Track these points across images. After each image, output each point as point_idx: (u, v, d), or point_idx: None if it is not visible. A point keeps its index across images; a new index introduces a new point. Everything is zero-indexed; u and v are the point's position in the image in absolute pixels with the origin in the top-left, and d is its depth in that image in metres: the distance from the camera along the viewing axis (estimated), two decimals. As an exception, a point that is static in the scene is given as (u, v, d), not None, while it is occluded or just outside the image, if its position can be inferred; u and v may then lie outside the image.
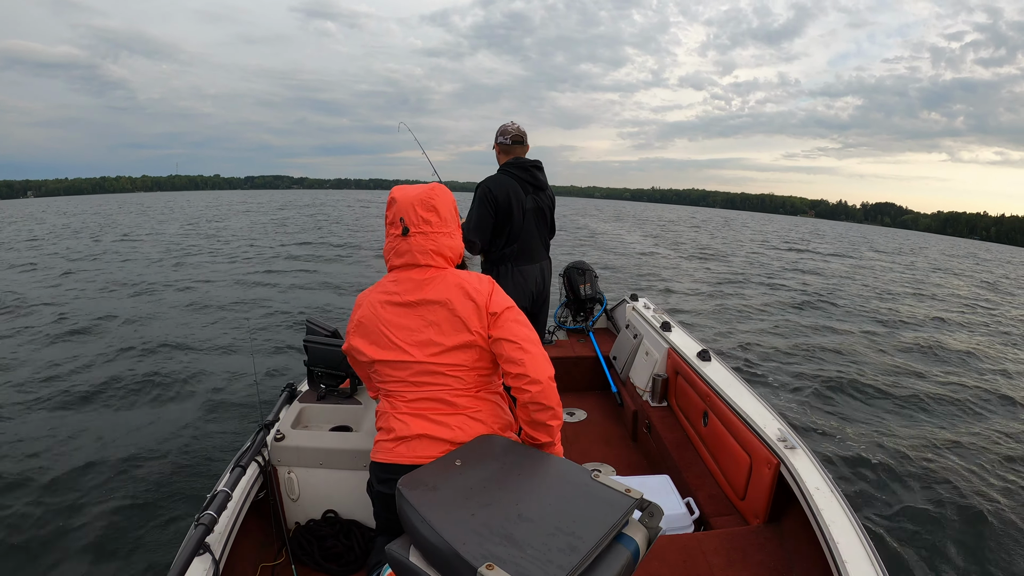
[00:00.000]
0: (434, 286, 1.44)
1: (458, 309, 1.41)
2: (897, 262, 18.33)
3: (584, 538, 1.00)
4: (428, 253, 1.45)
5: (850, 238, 31.94)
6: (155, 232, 21.80)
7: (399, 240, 1.46)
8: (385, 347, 1.44)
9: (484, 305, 1.42)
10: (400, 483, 1.19)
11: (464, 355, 1.43)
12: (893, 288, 12.08)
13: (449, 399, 1.43)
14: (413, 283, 1.45)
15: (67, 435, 4.08)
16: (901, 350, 6.85)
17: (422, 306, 1.43)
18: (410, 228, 1.44)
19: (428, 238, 1.45)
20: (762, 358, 6.26)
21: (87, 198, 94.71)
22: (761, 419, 2.13)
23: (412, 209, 1.44)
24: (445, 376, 1.43)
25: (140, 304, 8.87)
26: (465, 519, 1.07)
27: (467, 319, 1.41)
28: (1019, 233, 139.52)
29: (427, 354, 1.41)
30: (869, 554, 1.47)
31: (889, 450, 4.02)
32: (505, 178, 2.53)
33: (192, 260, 14.27)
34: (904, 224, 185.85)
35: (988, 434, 4.37)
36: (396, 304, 1.45)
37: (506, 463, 1.28)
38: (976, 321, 9.02)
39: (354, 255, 15.31)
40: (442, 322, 1.42)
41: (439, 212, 1.47)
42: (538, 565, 0.94)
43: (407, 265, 1.47)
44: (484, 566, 0.93)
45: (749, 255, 17.99)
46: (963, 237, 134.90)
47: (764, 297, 10.17)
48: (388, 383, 1.47)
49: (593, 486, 1.15)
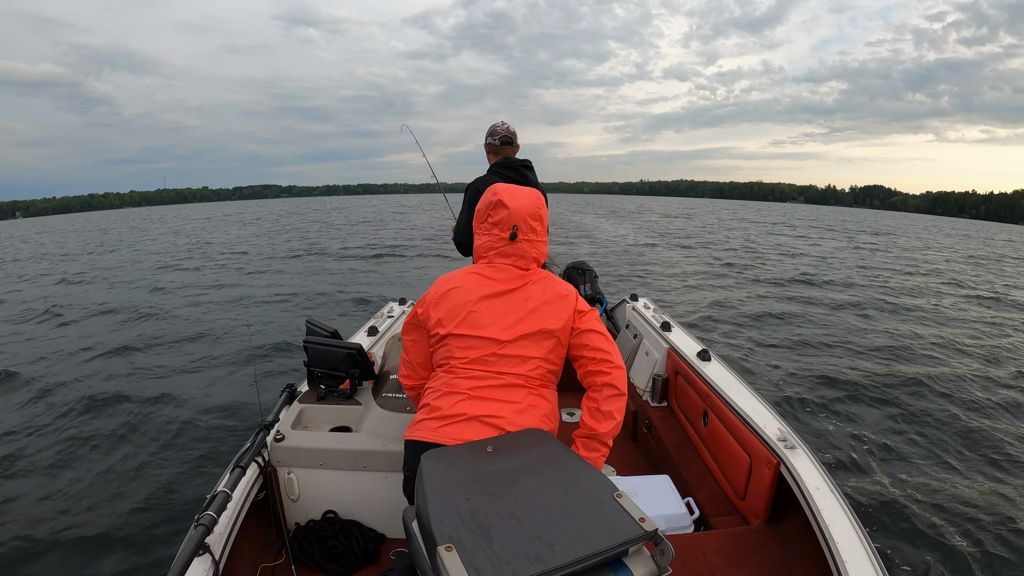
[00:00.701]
0: (530, 277, 1.57)
1: (549, 300, 1.53)
2: (906, 254, 18.35)
3: (558, 553, 0.96)
4: (529, 259, 1.58)
5: (851, 224, 31.91)
6: (159, 240, 21.80)
7: (504, 243, 1.56)
8: (466, 322, 1.50)
9: (573, 304, 1.55)
10: (425, 455, 1.24)
11: (541, 345, 1.50)
12: (894, 283, 12.08)
13: (513, 384, 1.47)
14: (512, 274, 1.56)
15: (67, 436, 4.08)
16: (902, 350, 6.85)
17: (516, 292, 1.53)
18: (519, 235, 1.55)
19: (533, 245, 1.58)
20: (762, 358, 6.26)
21: (78, 216, 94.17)
22: (761, 419, 2.13)
23: (524, 219, 1.56)
24: (516, 362, 1.48)
25: (140, 304, 8.88)
26: (457, 501, 1.08)
27: (556, 311, 1.52)
28: (1008, 210, 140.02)
29: (508, 335, 1.48)
30: (869, 554, 1.47)
31: (889, 450, 4.02)
32: (494, 178, 2.53)
33: (191, 263, 14.27)
34: (893, 206, 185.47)
35: (990, 434, 4.37)
36: (490, 287, 1.53)
37: (534, 461, 1.25)
38: (987, 317, 9.03)
39: (355, 254, 15.32)
40: (531, 310, 1.51)
41: (543, 221, 1.62)
42: (494, 564, 0.94)
43: (508, 264, 1.58)
44: (444, 547, 0.96)
45: (746, 244, 18.02)
46: (953, 216, 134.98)
47: (764, 297, 10.17)
48: (454, 360, 1.50)
49: (608, 505, 1.09)
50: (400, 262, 14.20)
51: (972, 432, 4.40)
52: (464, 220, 2.56)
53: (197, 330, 7.28)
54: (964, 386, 5.52)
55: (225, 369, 5.62)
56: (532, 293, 1.54)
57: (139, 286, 10.67)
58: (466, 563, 0.93)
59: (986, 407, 4.93)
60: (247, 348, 6.38)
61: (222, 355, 6.11)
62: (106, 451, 3.83)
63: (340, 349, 2.20)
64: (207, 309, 8.53)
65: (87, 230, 37.52)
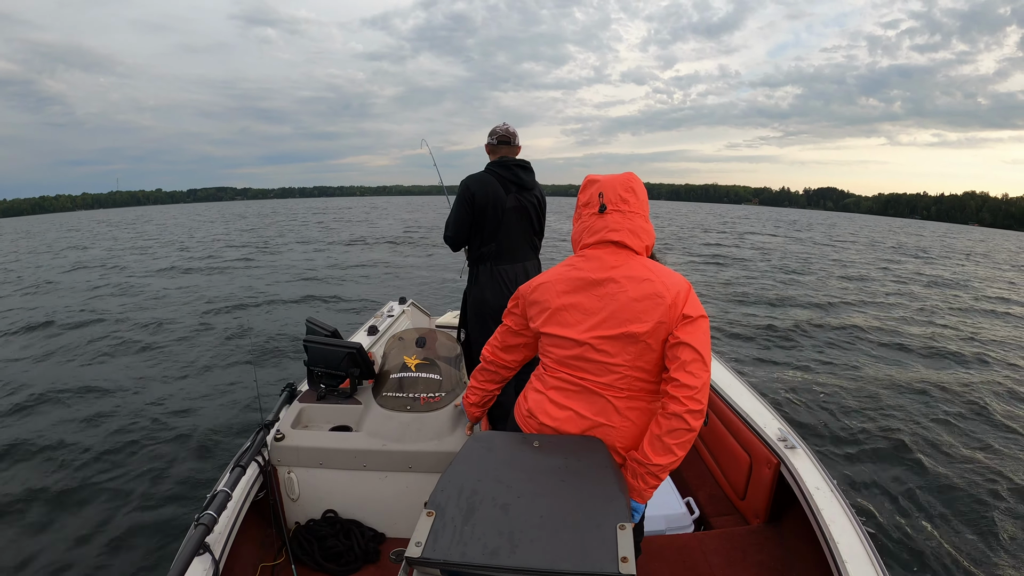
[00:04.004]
0: (624, 269, 1.37)
1: (641, 297, 1.33)
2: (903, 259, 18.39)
3: (515, 555, 0.97)
4: (623, 231, 1.39)
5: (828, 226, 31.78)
6: (153, 238, 21.80)
7: (595, 218, 1.42)
8: (553, 320, 1.42)
9: (675, 303, 1.31)
10: (475, 435, 1.31)
11: (627, 350, 1.34)
12: (889, 283, 12.09)
13: (593, 392, 1.38)
14: (602, 263, 1.40)
15: (67, 436, 4.08)
16: (903, 350, 6.85)
17: (604, 285, 1.37)
18: (607, 206, 1.40)
19: (625, 216, 1.40)
20: (762, 357, 6.26)
21: (29, 219, 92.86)
22: (761, 419, 2.13)
23: (612, 189, 1.41)
24: (601, 367, 1.36)
25: (139, 304, 8.88)
26: (469, 478, 1.15)
27: (647, 310, 1.32)
28: (958, 211, 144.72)
29: (591, 336, 1.36)
30: (869, 554, 1.47)
31: (890, 450, 4.02)
32: (486, 176, 2.54)
33: (190, 263, 14.27)
34: (846, 207, 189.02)
35: (992, 435, 4.37)
36: (578, 279, 1.41)
37: (569, 467, 1.21)
38: (982, 311, 9.03)
39: (353, 254, 15.31)
40: (619, 308, 1.34)
41: (637, 195, 1.43)
42: (455, 542, 0.99)
43: (600, 243, 1.42)
44: (427, 511, 1.06)
45: (738, 243, 18.02)
46: (904, 217, 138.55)
47: (763, 295, 10.17)
48: (547, 359, 1.47)
49: (601, 532, 1.03)
50: (400, 262, 14.21)
51: (973, 432, 4.40)
52: (453, 216, 2.57)
53: (197, 330, 7.28)
54: (965, 386, 5.52)
55: (225, 368, 5.62)
56: (620, 283, 1.36)
57: (139, 284, 10.67)
58: (433, 530, 1.01)
59: (987, 407, 4.92)
60: (247, 347, 6.38)
61: (222, 354, 6.10)
62: (106, 451, 3.82)
63: (340, 348, 2.20)
64: (207, 309, 8.53)
65: (84, 228, 37.57)
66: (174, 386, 5.08)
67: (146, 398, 4.81)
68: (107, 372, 5.51)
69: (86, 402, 4.75)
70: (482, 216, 2.51)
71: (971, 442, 4.23)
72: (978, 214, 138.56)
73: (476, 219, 2.53)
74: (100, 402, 4.74)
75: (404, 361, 2.24)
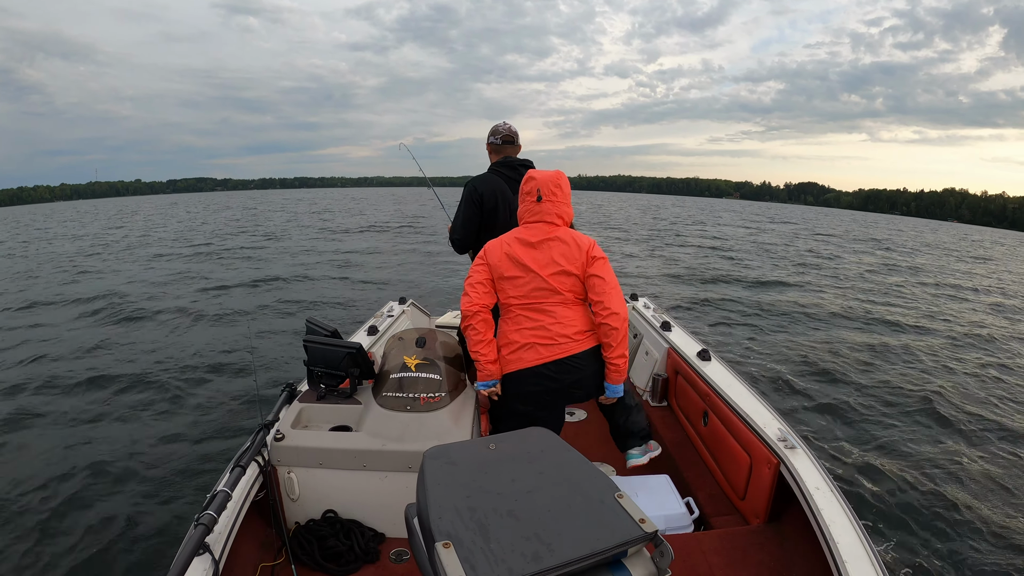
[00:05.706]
0: (557, 233, 2.03)
1: (571, 248, 2.00)
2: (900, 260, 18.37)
3: (556, 553, 0.96)
4: (553, 215, 2.04)
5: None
6: (148, 233, 21.78)
7: (535, 204, 2.04)
8: (513, 267, 2.00)
9: (587, 250, 2.00)
10: (427, 453, 1.25)
11: (569, 280, 2.00)
12: (890, 284, 12.09)
13: (552, 309, 1.99)
14: (542, 231, 2.03)
15: (67, 436, 4.08)
16: (903, 349, 6.84)
17: (547, 243, 2.01)
18: (543, 197, 2.02)
19: (555, 204, 2.04)
20: (763, 357, 6.25)
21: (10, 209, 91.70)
22: (761, 419, 2.13)
23: (546, 184, 2.03)
24: (555, 293, 1.98)
25: (139, 304, 8.87)
26: (456, 497, 1.08)
27: (576, 256, 1.99)
28: (938, 207, 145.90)
29: (547, 272, 1.98)
30: (869, 554, 1.47)
31: (890, 450, 4.02)
32: (492, 177, 2.53)
33: (188, 262, 14.27)
34: (827, 202, 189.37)
35: (992, 435, 4.37)
36: (526, 242, 2.02)
37: (536, 459, 1.24)
38: (990, 320, 9.03)
39: (352, 255, 15.30)
40: (560, 255, 1.99)
41: (562, 188, 2.07)
42: (490, 562, 0.93)
43: (538, 222, 2.04)
44: (442, 543, 0.96)
45: (741, 243, 18.00)
46: (884, 213, 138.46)
47: (763, 295, 10.17)
48: (508, 299, 2.03)
49: (608, 505, 1.08)
50: (400, 261, 14.20)
51: (973, 432, 4.40)
52: (460, 218, 2.56)
53: (197, 329, 7.28)
54: (965, 387, 5.52)
55: (225, 368, 5.62)
56: (557, 241, 2.00)
57: (137, 283, 10.66)
58: (463, 560, 0.93)
59: (988, 407, 4.93)
60: (247, 347, 6.38)
61: (222, 354, 6.10)
62: (106, 450, 3.82)
63: (340, 348, 2.20)
64: (207, 309, 8.52)
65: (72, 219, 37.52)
66: (174, 386, 5.07)
67: (146, 398, 4.81)
68: (106, 372, 5.50)
69: (85, 402, 4.75)
70: (492, 217, 2.51)
71: (971, 442, 4.23)
72: (957, 211, 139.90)
73: (485, 220, 2.53)
74: (99, 402, 4.74)
75: (404, 361, 2.24)
